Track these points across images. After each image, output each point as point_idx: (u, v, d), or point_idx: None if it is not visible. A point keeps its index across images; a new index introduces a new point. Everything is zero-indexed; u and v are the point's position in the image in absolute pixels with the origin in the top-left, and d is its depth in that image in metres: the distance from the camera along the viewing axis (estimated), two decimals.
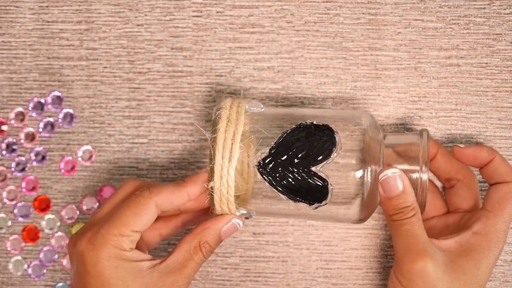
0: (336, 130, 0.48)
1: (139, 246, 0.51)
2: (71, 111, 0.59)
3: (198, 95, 0.59)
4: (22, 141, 0.59)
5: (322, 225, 0.59)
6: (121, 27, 0.60)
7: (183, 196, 0.50)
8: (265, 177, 0.48)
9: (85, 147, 0.59)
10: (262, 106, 0.51)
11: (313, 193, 0.48)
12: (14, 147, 0.60)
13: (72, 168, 0.59)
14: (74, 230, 0.59)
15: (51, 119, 0.59)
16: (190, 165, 0.59)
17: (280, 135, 0.49)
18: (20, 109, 0.60)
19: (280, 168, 0.48)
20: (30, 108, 0.59)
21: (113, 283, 0.47)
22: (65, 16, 0.60)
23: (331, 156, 0.48)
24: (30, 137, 0.59)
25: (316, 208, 0.49)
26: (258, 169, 0.49)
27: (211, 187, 0.49)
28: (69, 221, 0.59)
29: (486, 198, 0.53)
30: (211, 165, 0.48)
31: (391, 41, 0.59)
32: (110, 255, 0.47)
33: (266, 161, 0.49)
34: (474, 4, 0.59)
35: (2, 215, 0.59)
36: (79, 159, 0.59)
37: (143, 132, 0.59)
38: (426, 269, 0.48)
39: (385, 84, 0.59)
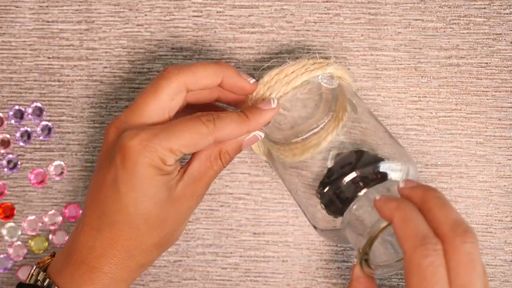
0: None
1: None
2: (49, 124, 0.59)
3: None
4: None
5: None
6: (121, 27, 0.60)
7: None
8: None
9: (57, 162, 0.59)
10: (335, 82, 0.52)
11: None
12: None
13: (42, 181, 0.59)
14: (33, 243, 0.59)
15: (29, 129, 0.59)
16: None
17: None
18: (0, 114, 0.60)
19: None
20: (9, 115, 0.59)
21: (145, 190, 0.47)
22: (65, 16, 0.60)
23: None
24: (6, 144, 0.59)
25: None
26: None
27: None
28: (30, 233, 0.59)
29: None
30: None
31: (391, 41, 0.59)
32: (153, 164, 0.47)
33: None
34: (474, 4, 0.59)
35: None
36: (51, 173, 0.59)
37: None
38: None
39: (385, 84, 0.59)
